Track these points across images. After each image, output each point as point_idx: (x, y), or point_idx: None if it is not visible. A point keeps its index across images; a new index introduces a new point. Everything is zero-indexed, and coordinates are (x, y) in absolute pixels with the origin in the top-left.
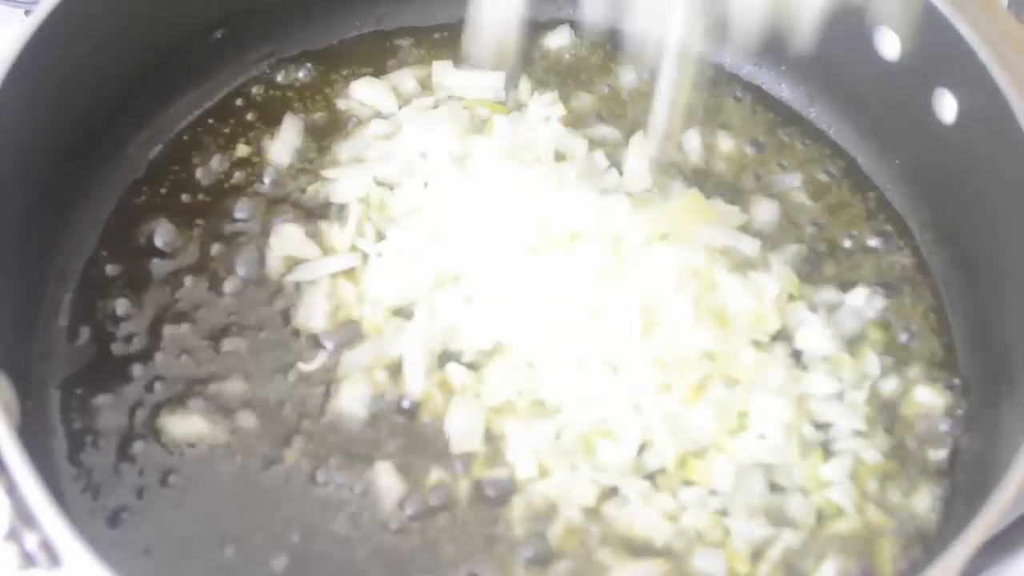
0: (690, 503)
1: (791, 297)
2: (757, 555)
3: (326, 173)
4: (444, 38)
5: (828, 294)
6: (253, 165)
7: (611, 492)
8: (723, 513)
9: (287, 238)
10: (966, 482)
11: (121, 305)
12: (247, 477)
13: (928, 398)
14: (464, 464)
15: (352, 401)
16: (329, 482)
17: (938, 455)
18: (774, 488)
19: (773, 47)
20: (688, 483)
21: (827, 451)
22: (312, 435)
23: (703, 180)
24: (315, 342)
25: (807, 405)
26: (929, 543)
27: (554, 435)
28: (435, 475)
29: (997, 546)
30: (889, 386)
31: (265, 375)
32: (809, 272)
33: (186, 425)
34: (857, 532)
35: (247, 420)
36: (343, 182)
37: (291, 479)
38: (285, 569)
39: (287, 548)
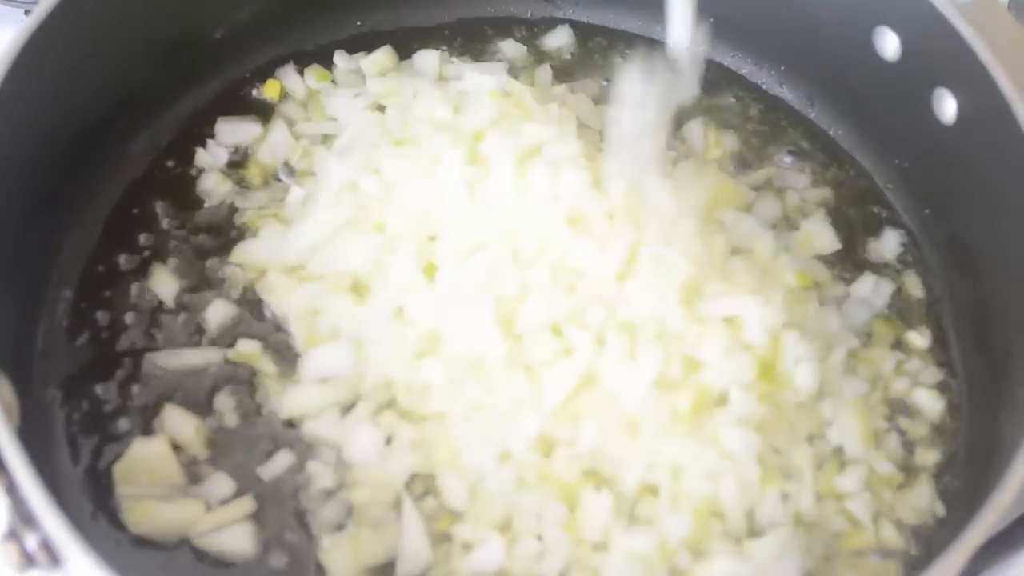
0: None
1: (801, 288)
2: None
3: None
4: (445, 37)
5: (834, 289)
6: (252, 165)
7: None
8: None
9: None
10: (966, 483)
11: (121, 305)
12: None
13: (928, 399)
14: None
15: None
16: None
17: (938, 456)
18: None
19: (773, 47)
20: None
21: (840, 462)
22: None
23: None
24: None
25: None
26: (929, 544)
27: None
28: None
29: (997, 546)
30: (897, 386)
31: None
32: (812, 269)
33: (182, 425)
34: (869, 547)
35: (233, 420)
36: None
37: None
38: (285, 569)
39: (287, 548)
